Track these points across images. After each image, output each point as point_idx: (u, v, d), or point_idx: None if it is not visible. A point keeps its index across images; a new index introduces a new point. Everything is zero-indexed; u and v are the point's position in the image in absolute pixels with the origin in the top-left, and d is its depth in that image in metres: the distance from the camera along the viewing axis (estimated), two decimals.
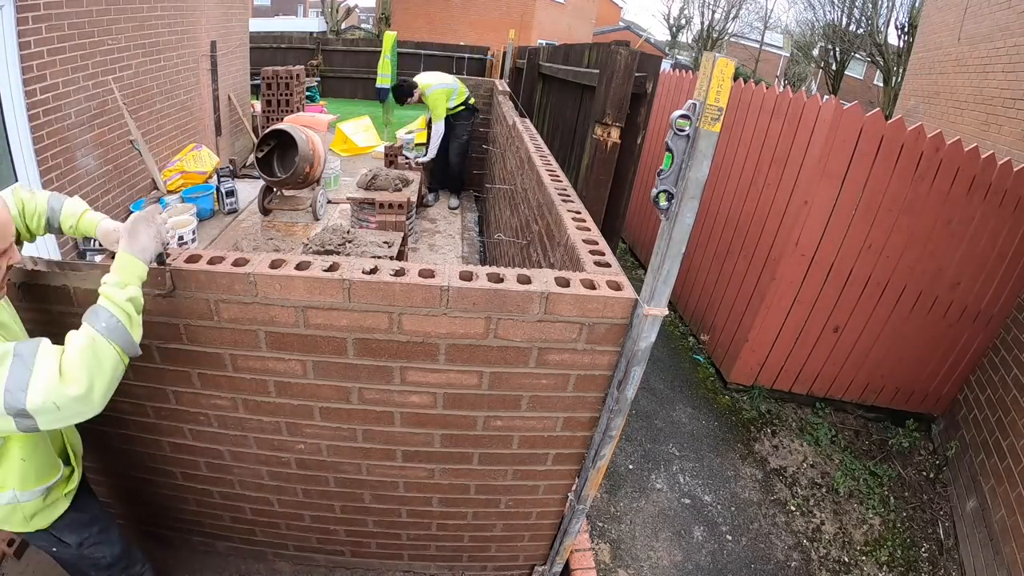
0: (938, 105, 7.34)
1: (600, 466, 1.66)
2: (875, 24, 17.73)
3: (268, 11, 32.55)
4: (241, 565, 2.13)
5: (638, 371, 1.42)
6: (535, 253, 2.49)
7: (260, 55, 11.81)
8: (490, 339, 1.40)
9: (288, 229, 4.91)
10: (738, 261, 4.11)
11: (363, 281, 1.30)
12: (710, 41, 27.88)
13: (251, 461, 1.73)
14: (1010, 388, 3.23)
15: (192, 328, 1.41)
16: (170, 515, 1.98)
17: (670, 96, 5.84)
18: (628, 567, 2.69)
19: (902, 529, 3.19)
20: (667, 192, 1.21)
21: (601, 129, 2.69)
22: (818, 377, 3.92)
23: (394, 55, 8.98)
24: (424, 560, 2.12)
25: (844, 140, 3.19)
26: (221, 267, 1.31)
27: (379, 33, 17.08)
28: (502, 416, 1.58)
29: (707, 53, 1.09)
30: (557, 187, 2.25)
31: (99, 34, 3.94)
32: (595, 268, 1.52)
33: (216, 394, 1.55)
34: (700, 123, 1.11)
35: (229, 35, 6.57)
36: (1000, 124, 5.83)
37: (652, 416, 3.73)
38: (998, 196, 3.25)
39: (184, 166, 5.22)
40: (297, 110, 7.91)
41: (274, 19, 27.93)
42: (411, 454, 1.68)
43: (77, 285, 1.36)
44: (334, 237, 3.15)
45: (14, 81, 3.21)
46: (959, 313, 3.59)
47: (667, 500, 3.10)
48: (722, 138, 3.68)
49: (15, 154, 3.34)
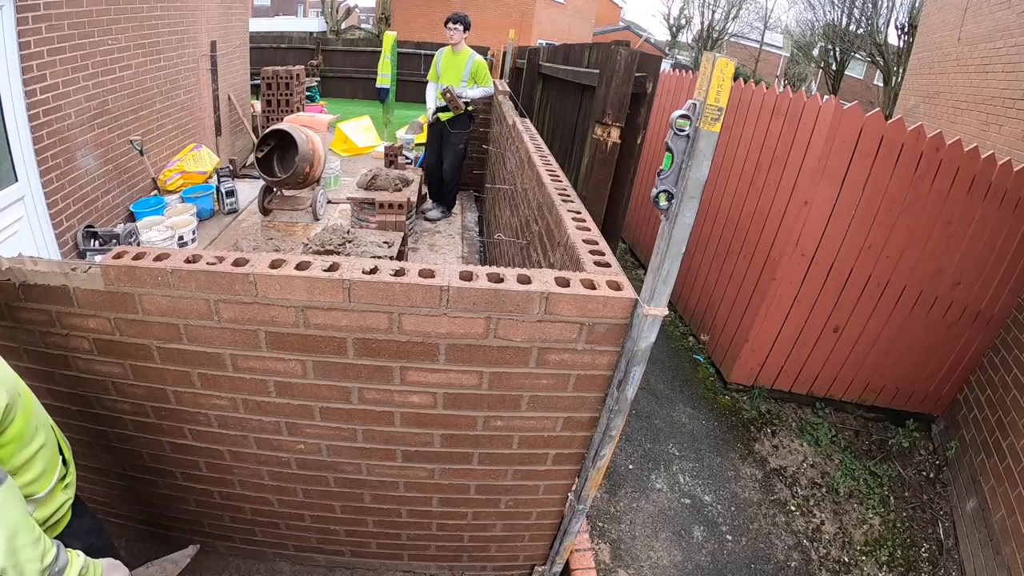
0: (938, 105, 7.34)
1: (600, 466, 1.66)
2: (875, 24, 17.74)
3: (268, 11, 32.56)
4: (241, 565, 2.13)
5: (638, 371, 1.42)
6: (535, 253, 2.49)
7: (260, 55, 11.82)
8: (490, 339, 1.40)
9: (288, 229, 4.91)
10: (738, 261, 4.11)
11: (363, 281, 1.30)
12: (710, 41, 27.89)
13: (251, 461, 1.73)
14: (1010, 388, 3.23)
15: (192, 328, 1.41)
16: (170, 515, 1.98)
17: (670, 96, 5.84)
18: (628, 567, 2.69)
19: (902, 529, 3.19)
20: (667, 192, 1.21)
21: (601, 129, 2.69)
22: (818, 377, 3.92)
23: (394, 55, 8.99)
24: (424, 560, 2.12)
25: (844, 140, 3.19)
26: (221, 267, 1.31)
27: (379, 33, 17.08)
28: (502, 416, 1.58)
29: (707, 53, 1.09)
30: (557, 187, 2.25)
31: (99, 34, 3.94)
32: (595, 268, 1.52)
33: (216, 394, 1.55)
34: (700, 123, 1.11)
35: (229, 35, 6.57)
36: (1000, 124, 5.83)
37: (652, 416, 3.73)
38: (998, 196, 3.25)
39: (184, 166, 5.23)
40: (297, 110, 7.91)
41: (274, 19, 27.93)
42: (411, 454, 1.68)
43: (77, 285, 1.36)
44: (334, 237, 3.16)
45: (14, 81, 3.21)
46: (959, 313, 3.59)
47: (667, 500, 3.10)
48: (722, 138, 3.68)
49: (15, 154, 3.34)
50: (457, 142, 5.20)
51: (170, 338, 1.44)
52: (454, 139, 5.18)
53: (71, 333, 1.46)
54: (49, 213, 3.65)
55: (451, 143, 5.20)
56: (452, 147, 5.21)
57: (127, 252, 1.37)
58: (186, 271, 1.31)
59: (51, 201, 3.64)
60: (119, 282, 1.34)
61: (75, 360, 1.52)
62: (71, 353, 1.51)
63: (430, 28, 18.91)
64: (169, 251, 1.37)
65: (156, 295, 1.36)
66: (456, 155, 5.26)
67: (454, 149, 5.23)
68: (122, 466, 1.82)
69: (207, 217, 5.09)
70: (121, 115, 4.36)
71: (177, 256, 1.35)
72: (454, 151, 5.24)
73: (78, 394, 1.61)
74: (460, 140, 5.21)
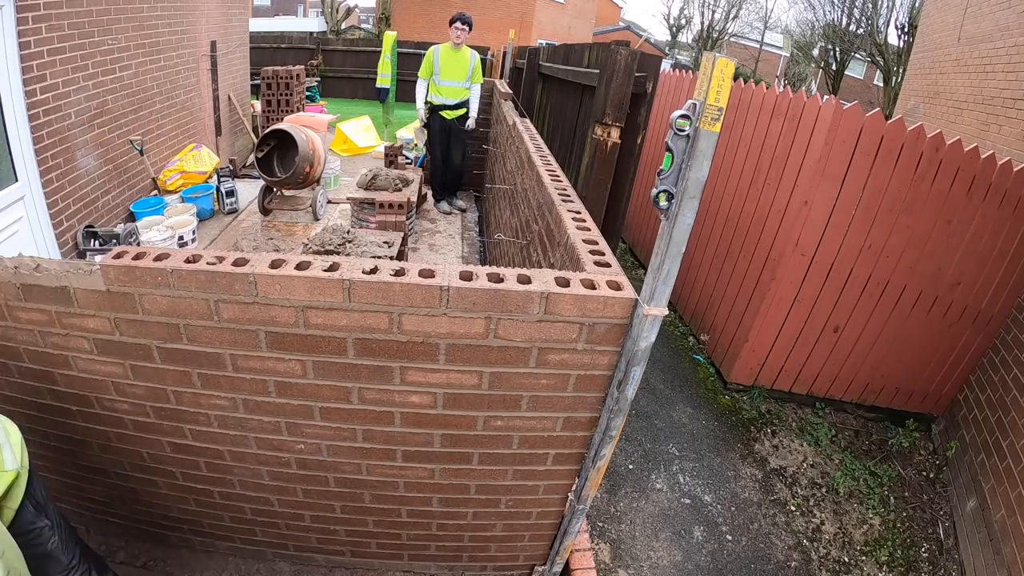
0: (938, 105, 7.34)
1: (600, 466, 1.66)
2: (875, 24, 17.74)
3: (268, 11, 32.55)
4: (241, 565, 2.13)
5: (638, 371, 1.42)
6: (535, 253, 2.49)
7: (260, 55, 11.82)
8: (490, 339, 1.40)
9: (288, 229, 4.91)
10: (738, 261, 4.11)
11: (363, 281, 1.30)
12: (710, 41, 27.89)
13: (251, 461, 1.73)
14: (1010, 388, 3.23)
15: (192, 328, 1.41)
16: (170, 515, 1.98)
17: (670, 96, 5.84)
18: (628, 567, 2.69)
19: (902, 529, 3.19)
20: (667, 192, 1.21)
21: (601, 129, 2.69)
22: (818, 377, 3.92)
23: (394, 55, 8.99)
24: (424, 560, 2.12)
25: (844, 140, 3.19)
26: (221, 267, 1.31)
27: (379, 33, 17.09)
28: (502, 416, 1.58)
29: (707, 53, 1.09)
30: (557, 187, 2.25)
31: (99, 34, 3.94)
32: (595, 268, 1.52)
33: (216, 394, 1.55)
34: (700, 123, 1.11)
35: (229, 35, 6.57)
36: (1000, 124, 5.82)
37: (652, 416, 3.73)
38: (998, 196, 3.25)
39: (184, 166, 5.23)
40: (297, 110, 7.91)
41: (274, 19, 27.92)
42: (411, 454, 1.68)
43: (77, 286, 1.36)
44: (334, 237, 3.16)
45: (14, 81, 3.21)
46: (959, 313, 3.59)
47: (667, 500, 3.10)
48: (722, 138, 3.68)
49: (15, 154, 3.34)
50: (466, 137, 5.60)
51: (170, 338, 1.44)
52: (463, 134, 5.53)
53: (71, 333, 1.46)
54: (49, 213, 3.65)
55: (461, 139, 5.54)
56: (462, 142, 5.57)
57: (127, 252, 1.37)
58: (186, 271, 1.31)
59: (51, 201, 3.64)
60: (119, 282, 1.34)
61: (75, 360, 1.52)
62: (71, 353, 1.51)
63: (430, 28, 18.91)
64: (169, 251, 1.37)
65: (156, 295, 1.36)
66: (467, 148, 5.71)
67: (464, 143, 5.60)
68: (122, 466, 1.82)
69: (207, 217, 5.09)
70: (121, 115, 4.36)
71: (177, 256, 1.35)
72: (464, 145, 5.63)
73: (78, 394, 1.61)
74: (469, 134, 5.63)
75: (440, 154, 5.54)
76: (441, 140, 5.46)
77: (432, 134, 5.47)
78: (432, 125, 5.41)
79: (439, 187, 5.87)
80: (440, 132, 5.42)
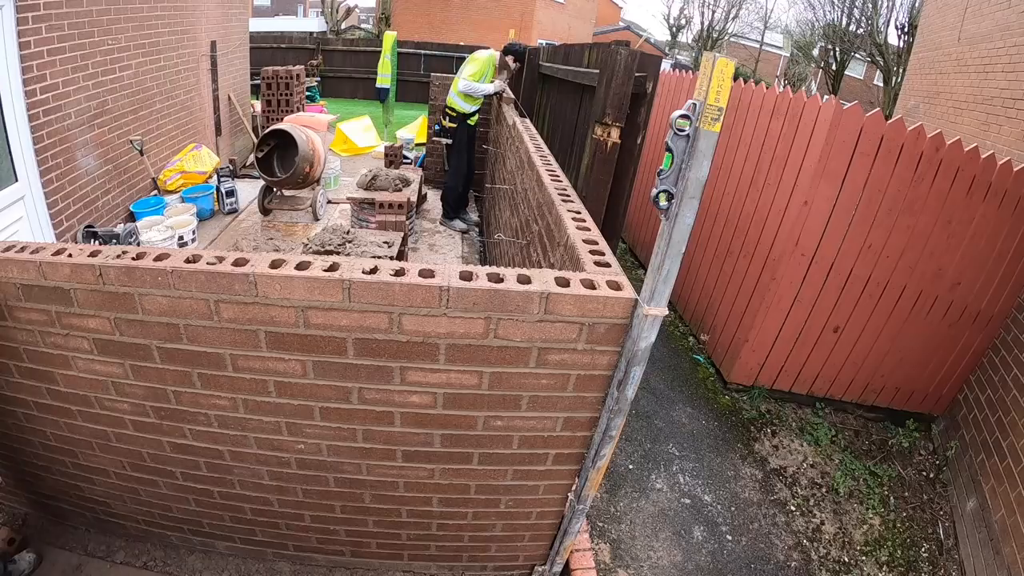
0: (938, 105, 7.34)
1: (600, 466, 1.66)
2: (875, 24, 17.73)
3: (268, 11, 32.56)
4: (241, 565, 2.13)
5: (638, 371, 1.42)
6: (535, 253, 2.48)
7: (260, 55, 11.82)
8: (490, 339, 1.40)
9: (288, 229, 4.91)
10: (738, 261, 4.11)
11: (363, 281, 1.30)
12: (710, 41, 27.89)
13: (251, 461, 1.73)
14: (1010, 388, 3.23)
15: (192, 328, 1.41)
16: (170, 515, 1.98)
17: (670, 96, 5.84)
18: (628, 567, 2.69)
19: (902, 529, 3.19)
20: (667, 192, 1.21)
21: (601, 129, 2.69)
22: (818, 377, 3.92)
23: (394, 55, 9.00)
24: (424, 560, 2.12)
25: (844, 140, 3.19)
26: (221, 267, 1.31)
27: (379, 33, 17.08)
28: (502, 416, 1.58)
29: (707, 53, 1.09)
30: (557, 187, 2.25)
31: (99, 34, 3.94)
32: (595, 268, 1.52)
33: (216, 394, 1.55)
34: (700, 123, 1.11)
35: (229, 35, 6.57)
36: (1000, 124, 5.82)
37: (652, 416, 3.73)
38: (998, 196, 3.25)
39: (184, 166, 5.23)
40: (297, 110, 7.91)
41: (274, 19, 27.94)
42: (411, 454, 1.68)
43: (77, 285, 1.36)
44: (334, 237, 3.16)
45: (14, 81, 3.21)
46: (959, 313, 3.59)
47: (667, 500, 3.10)
48: (722, 138, 3.68)
49: (15, 154, 3.34)
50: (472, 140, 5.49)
51: (170, 338, 1.44)
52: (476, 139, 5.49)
53: (71, 333, 1.46)
54: (49, 213, 3.65)
55: (475, 145, 5.51)
56: (475, 148, 5.55)
57: (127, 252, 1.37)
58: (186, 271, 1.31)
59: (51, 201, 3.64)
60: (119, 282, 1.34)
61: (75, 360, 1.52)
62: (71, 353, 1.51)
63: (430, 28, 18.92)
64: (169, 251, 1.37)
65: (156, 295, 1.36)
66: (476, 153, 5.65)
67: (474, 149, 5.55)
68: (122, 466, 1.82)
69: (207, 217, 5.09)
70: (121, 115, 4.36)
71: (177, 256, 1.35)
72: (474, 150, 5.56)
73: (78, 394, 1.61)
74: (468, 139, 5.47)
75: (467, 163, 5.32)
76: (469, 148, 5.29)
77: (459, 144, 5.22)
78: (459, 136, 5.17)
79: (458, 202, 5.47)
80: (468, 141, 5.26)
